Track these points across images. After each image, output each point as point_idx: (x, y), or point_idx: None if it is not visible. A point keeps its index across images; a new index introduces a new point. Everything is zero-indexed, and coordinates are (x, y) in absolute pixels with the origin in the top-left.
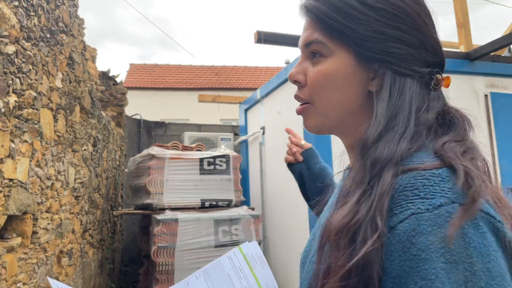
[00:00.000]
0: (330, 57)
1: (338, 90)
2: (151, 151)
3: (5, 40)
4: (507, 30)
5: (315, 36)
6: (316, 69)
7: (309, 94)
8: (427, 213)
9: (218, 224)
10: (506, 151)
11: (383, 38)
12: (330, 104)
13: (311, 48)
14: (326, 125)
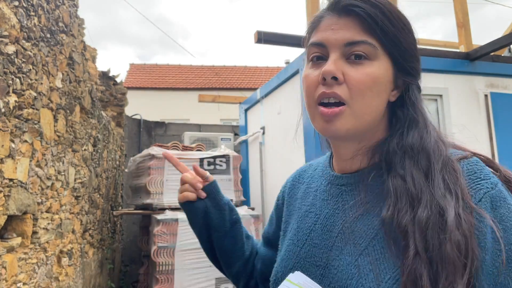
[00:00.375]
0: (376, 61)
1: (378, 95)
2: (151, 151)
3: (5, 40)
4: (507, 30)
5: (365, 37)
6: (363, 71)
7: (350, 94)
8: (493, 190)
9: None
10: (506, 151)
11: (413, 55)
12: (369, 107)
13: (356, 49)
14: (358, 129)
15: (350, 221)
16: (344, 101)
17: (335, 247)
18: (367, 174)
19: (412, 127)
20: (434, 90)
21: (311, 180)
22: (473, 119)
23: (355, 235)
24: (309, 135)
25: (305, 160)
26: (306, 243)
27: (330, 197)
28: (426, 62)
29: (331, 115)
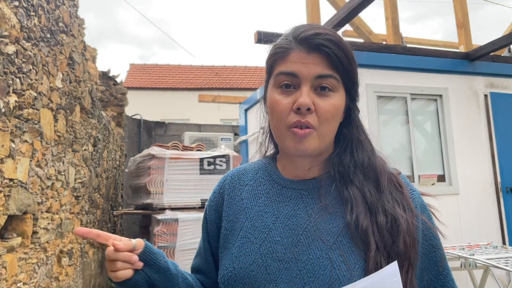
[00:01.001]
0: (337, 93)
1: (336, 120)
2: (151, 151)
3: (6, 40)
4: (506, 30)
5: (331, 72)
6: (329, 102)
7: (318, 121)
8: (420, 199)
9: None
10: (505, 151)
11: (357, 83)
12: (330, 131)
13: (324, 82)
14: (322, 148)
15: (314, 220)
16: (313, 127)
17: (301, 243)
18: (324, 181)
19: (359, 146)
20: (434, 90)
21: (256, 183)
22: (473, 119)
23: (322, 233)
24: None
25: None
26: (266, 240)
27: (288, 199)
28: (426, 62)
29: (303, 136)
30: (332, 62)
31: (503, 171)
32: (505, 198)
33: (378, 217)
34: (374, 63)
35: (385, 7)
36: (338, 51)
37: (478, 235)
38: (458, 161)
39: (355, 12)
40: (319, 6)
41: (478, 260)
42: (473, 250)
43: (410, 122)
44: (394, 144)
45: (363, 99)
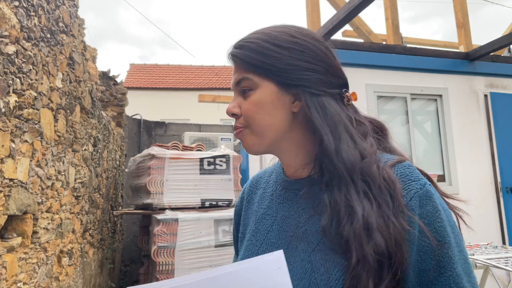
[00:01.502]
0: (257, 89)
1: (268, 114)
2: (151, 151)
3: (6, 40)
4: (506, 30)
5: (243, 75)
6: (248, 100)
7: (245, 121)
8: (421, 191)
9: (218, 224)
10: (505, 151)
11: (295, 69)
12: (264, 126)
13: (241, 86)
14: (263, 144)
15: (303, 221)
16: (244, 127)
17: (291, 245)
18: (315, 180)
19: (324, 134)
20: (434, 90)
21: (266, 186)
22: (473, 119)
23: (308, 234)
24: None
25: None
26: (264, 242)
27: (286, 200)
28: (426, 62)
29: (237, 136)
30: (241, 65)
31: (503, 171)
32: (505, 198)
33: (355, 223)
34: (374, 63)
35: (385, 7)
36: (243, 53)
37: (478, 235)
38: (458, 161)
39: (355, 12)
40: (319, 6)
41: (478, 260)
42: (473, 250)
43: (410, 122)
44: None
45: (363, 99)
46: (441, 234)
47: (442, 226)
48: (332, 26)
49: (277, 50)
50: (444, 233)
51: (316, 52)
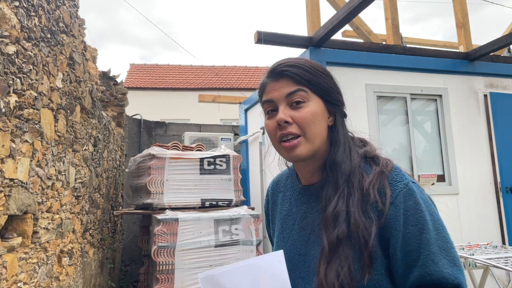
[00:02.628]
0: (310, 101)
1: (319, 123)
2: (151, 151)
3: (6, 40)
4: (506, 30)
5: (298, 87)
6: (303, 110)
7: (299, 128)
8: (405, 189)
9: (218, 224)
10: (505, 151)
11: (334, 91)
12: (316, 133)
13: (294, 97)
14: (313, 150)
15: (319, 221)
16: (299, 134)
17: (311, 241)
18: (323, 185)
19: (338, 149)
20: (434, 90)
21: (285, 189)
22: (473, 119)
23: (321, 232)
24: None
25: None
26: (289, 239)
27: (301, 203)
28: (425, 62)
29: (294, 146)
30: (296, 80)
31: (503, 171)
32: (504, 198)
33: (339, 225)
34: (374, 63)
35: (385, 7)
36: (298, 70)
37: (478, 235)
38: (458, 161)
39: (355, 12)
40: (319, 6)
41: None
42: (472, 250)
43: (410, 122)
44: (394, 144)
45: (363, 99)
46: (421, 222)
47: (422, 216)
48: (332, 26)
49: (322, 74)
50: (423, 221)
51: (336, 80)
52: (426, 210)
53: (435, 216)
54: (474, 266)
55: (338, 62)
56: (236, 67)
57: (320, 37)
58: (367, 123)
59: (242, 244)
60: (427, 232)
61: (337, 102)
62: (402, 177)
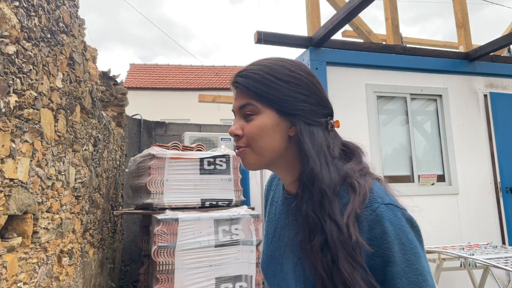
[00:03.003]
0: (260, 114)
1: (268, 137)
2: (151, 151)
3: (6, 40)
4: (506, 30)
5: (247, 100)
6: (251, 123)
7: (247, 141)
8: (371, 216)
9: (218, 224)
10: (505, 151)
11: (293, 100)
12: (264, 147)
13: (245, 110)
14: (264, 163)
15: (293, 234)
16: (246, 146)
17: (285, 254)
18: (298, 200)
19: (304, 161)
20: (434, 90)
21: (276, 190)
22: (473, 119)
23: (294, 246)
24: None
25: None
26: (271, 245)
27: (284, 212)
28: (425, 62)
29: (239, 155)
30: (244, 92)
31: (503, 171)
32: (504, 198)
33: (315, 238)
34: (373, 63)
35: (384, 7)
36: (248, 81)
37: (478, 235)
38: (458, 161)
39: (355, 12)
40: (319, 6)
41: (477, 260)
42: (472, 250)
43: (410, 122)
44: (394, 144)
45: (363, 99)
46: (387, 254)
47: (388, 248)
48: (332, 26)
49: (278, 82)
50: (389, 253)
51: (309, 85)
52: (395, 239)
53: (408, 245)
54: (474, 266)
55: (338, 62)
56: (236, 67)
57: (320, 37)
58: (367, 123)
59: (242, 244)
60: (393, 265)
61: (297, 112)
62: (374, 199)
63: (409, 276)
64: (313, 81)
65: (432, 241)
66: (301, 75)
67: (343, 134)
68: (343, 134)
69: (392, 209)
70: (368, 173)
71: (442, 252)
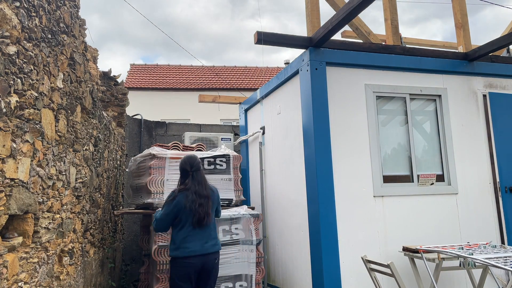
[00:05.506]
0: None
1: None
2: (152, 151)
3: (7, 40)
4: (505, 30)
5: None
6: None
7: None
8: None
9: (218, 223)
10: (504, 151)
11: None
12: None
13: None
14: None
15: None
16: None
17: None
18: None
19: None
20: (433, 90)
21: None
22: (472, 119)
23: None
24: (308, 135)
25: (304, 159)
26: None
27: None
28: (425, 63)
29: None
30: None
31: (502, 171)
32: (504, 197)
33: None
34: (373, 64)
35: (384, 8)
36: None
37: (477, 235)
38: (457, 161)
39: (355, 13)
40: (318, 6)
41: (477, 260)
42: (472, 250)
43: (409, 122)
44: (393, 144)
45: (362, 99)
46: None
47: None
48: (331, 26)
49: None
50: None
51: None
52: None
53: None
54: (473, 266)
55: (338, 63)
56: (236, 67)
57: (319, 38)
58: (367, 123)
59: (242, 244)
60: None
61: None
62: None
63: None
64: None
65: (432, 241)
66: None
67: (343, 134)
68: (343, 134)
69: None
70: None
71: (442, 252)
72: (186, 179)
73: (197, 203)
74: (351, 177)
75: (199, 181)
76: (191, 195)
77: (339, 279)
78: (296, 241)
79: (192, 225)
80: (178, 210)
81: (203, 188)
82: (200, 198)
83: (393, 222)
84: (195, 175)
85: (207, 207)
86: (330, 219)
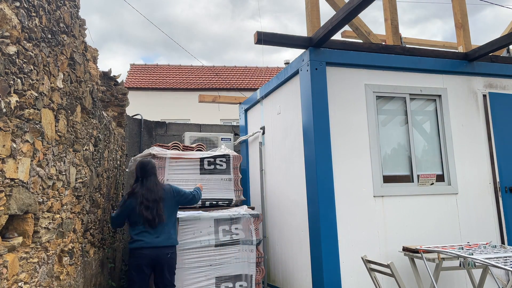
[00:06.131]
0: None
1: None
2: (152, 151)
3: (7, 40)
4: (505, 30)
5: None
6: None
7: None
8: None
9: (218, 223)
10: (504, 151)
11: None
12: None
13: None
14: None
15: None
16: None
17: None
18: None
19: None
20: (433, 90)
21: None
22: (472, 119)
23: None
24: (308, 135)
25: (304, 159)
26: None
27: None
28: (425, 63)
29: None
30: None
31: (502, 171)
32: (504, 197)
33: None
34: (373, 64)
35: (384, 8)
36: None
37: (477, 235)
38: (457, 161)
39: (355, 13)
40: (318, 6)
41: (477, 260)
42: (472, 250)
43: (409, 122)
44: (393, 144)
45: (362, 99)
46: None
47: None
48: (331, 26)
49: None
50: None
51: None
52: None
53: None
54: (473, 266)
55: (338, 63)
56: (236, 67)
57: (319, 38)
58: (367, 123)
59: (242, 244)
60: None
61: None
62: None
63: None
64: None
65: (432, 241)
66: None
67: (343, 134)
68: (343, 134)
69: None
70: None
71: (442, 252)
72: (136, 184)
73: (143, 206)
74: (351, 177)
75: (148, 187)
76: (140, 198)
77: (339, 279)
78: (296, 241)
79: (143, 225)
80: (129, 212)
81: (151, 192)
82: (148, 202)
83: (393, 222)
84: (144, 181)
85: (157, 209)
86: (330, 219)
